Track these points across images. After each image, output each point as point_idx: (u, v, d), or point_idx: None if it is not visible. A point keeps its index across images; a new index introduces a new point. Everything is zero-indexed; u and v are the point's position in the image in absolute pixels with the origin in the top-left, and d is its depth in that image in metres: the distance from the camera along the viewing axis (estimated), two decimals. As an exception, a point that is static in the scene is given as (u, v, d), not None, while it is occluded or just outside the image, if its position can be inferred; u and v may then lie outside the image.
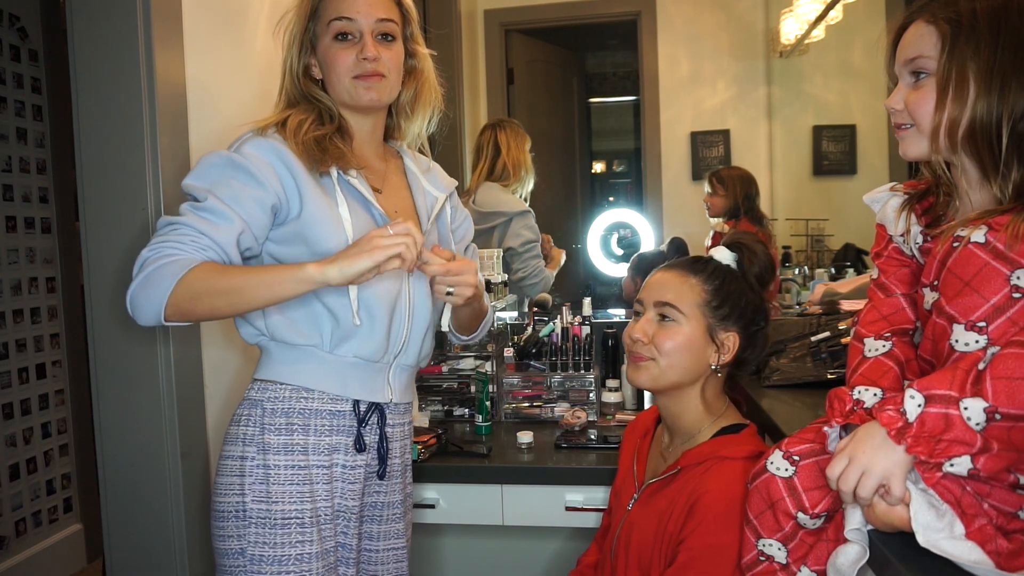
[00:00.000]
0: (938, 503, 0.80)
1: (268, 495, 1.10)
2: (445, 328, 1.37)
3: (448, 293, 1.14)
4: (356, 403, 1.17)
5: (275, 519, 1.10)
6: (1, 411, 2.55)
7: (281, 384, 1.15)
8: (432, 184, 1.30)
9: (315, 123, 1.15)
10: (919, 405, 0.80)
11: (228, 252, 1.06)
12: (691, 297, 1.19)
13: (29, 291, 2.68)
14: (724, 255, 1.23)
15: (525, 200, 2.54)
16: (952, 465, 0.79)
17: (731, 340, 1.19)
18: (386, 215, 1.17)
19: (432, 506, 1.57)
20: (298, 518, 1.10)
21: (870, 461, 0.82)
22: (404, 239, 1.01)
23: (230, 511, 1.11)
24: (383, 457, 1.20)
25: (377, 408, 1.20)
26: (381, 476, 1.21)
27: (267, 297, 1.03)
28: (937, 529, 0.79)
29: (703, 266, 1.22)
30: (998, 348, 0.79)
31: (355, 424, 1.17)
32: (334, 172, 1.14)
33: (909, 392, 0.81)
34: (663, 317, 1.20)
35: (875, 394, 0.91)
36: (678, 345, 1.18)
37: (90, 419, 1.46)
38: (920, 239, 0.98)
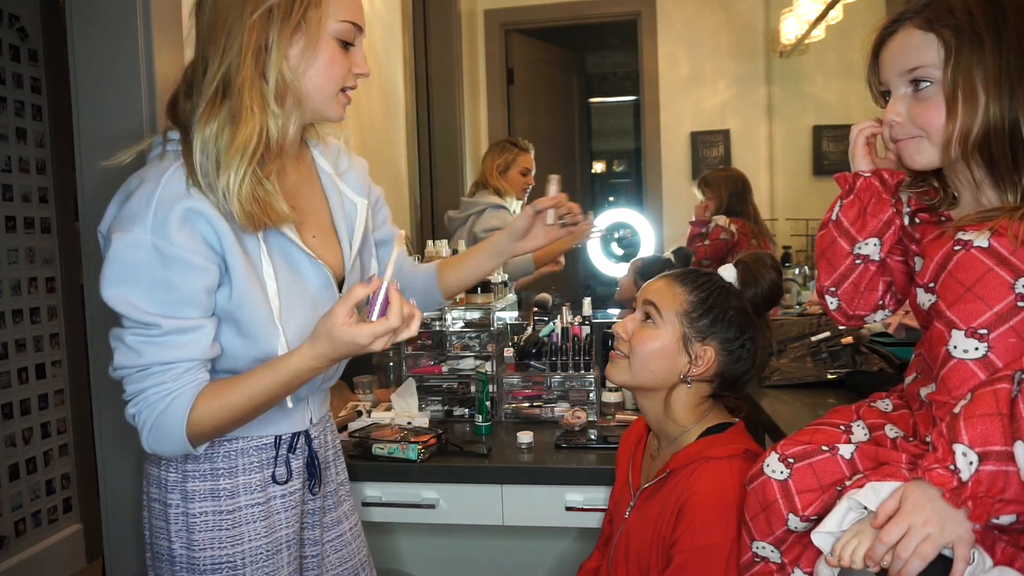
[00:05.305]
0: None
1: (192, 543, 1.04)
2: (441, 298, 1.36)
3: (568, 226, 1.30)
4: (278, 436, 1.11)
5: (204, 565, 1.04)
6: (1, 411, 2.55)
7: None
8: (349, 185, 1.18)
9: (260, 160, 0.97)
10: (971, 463, 0.74)
11: (210, 355, 0.98)
12: (673, 304, 1.20)
13: (29, 291, 2.68)
14: (728, 273, 1.24)
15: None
16: (998, 519, 0.75)
17: (707, 354, 1.18)
18: (314, 257, 1.06)
19: (432, 506, 1.57)
20: (229, 562, 1.05)
21: (935, 525, 0.75)
22: (386, 337, 0.94)
23: (162, 553, 1.07)
24: (315, 473, 1.15)
25: (302, 432, 1.14)
26: (314, 491, 1.16)
27: (280, 400, 1.02)
28: (983, 571, 0.76)
29: (694, 278, 1.22)
30: None
31: (285, 453, 1.11)
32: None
33: (960, 448, 0.75)
34: (647, 317, 1.22)
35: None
36: (650, 349, 1.19)
37: (90, 419, 1.46)
38: (907, 220, 0.97)
